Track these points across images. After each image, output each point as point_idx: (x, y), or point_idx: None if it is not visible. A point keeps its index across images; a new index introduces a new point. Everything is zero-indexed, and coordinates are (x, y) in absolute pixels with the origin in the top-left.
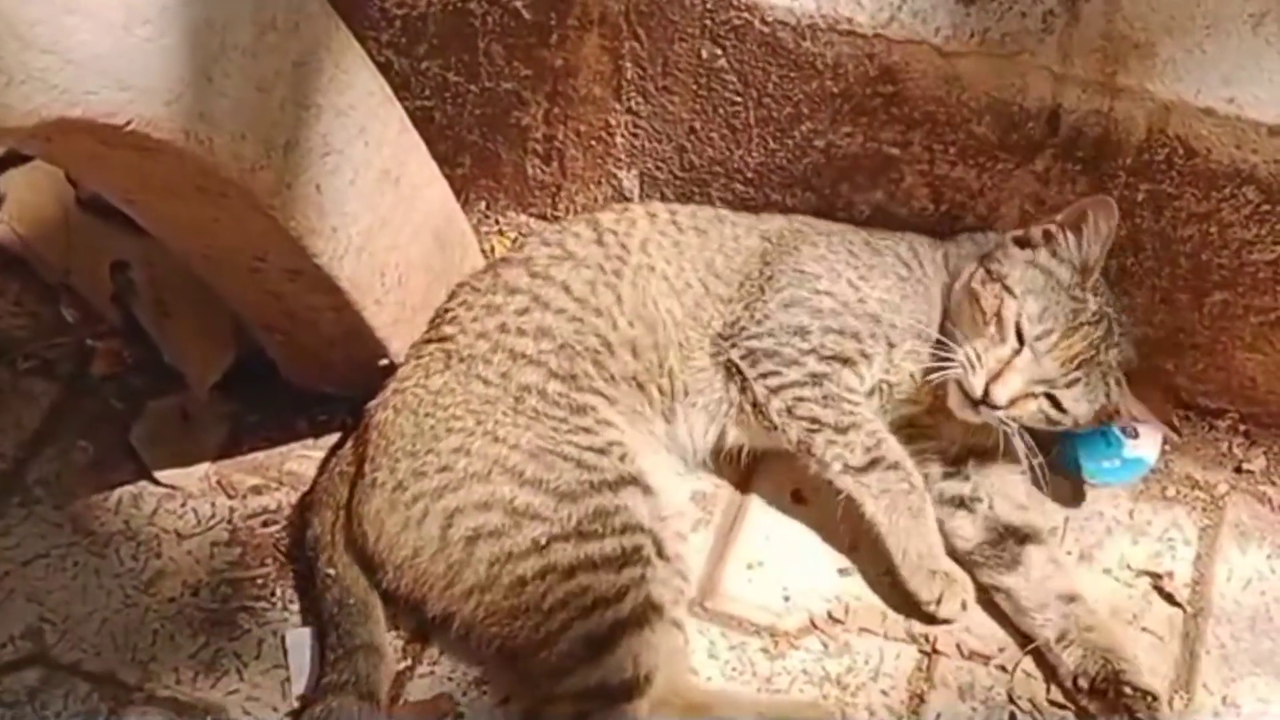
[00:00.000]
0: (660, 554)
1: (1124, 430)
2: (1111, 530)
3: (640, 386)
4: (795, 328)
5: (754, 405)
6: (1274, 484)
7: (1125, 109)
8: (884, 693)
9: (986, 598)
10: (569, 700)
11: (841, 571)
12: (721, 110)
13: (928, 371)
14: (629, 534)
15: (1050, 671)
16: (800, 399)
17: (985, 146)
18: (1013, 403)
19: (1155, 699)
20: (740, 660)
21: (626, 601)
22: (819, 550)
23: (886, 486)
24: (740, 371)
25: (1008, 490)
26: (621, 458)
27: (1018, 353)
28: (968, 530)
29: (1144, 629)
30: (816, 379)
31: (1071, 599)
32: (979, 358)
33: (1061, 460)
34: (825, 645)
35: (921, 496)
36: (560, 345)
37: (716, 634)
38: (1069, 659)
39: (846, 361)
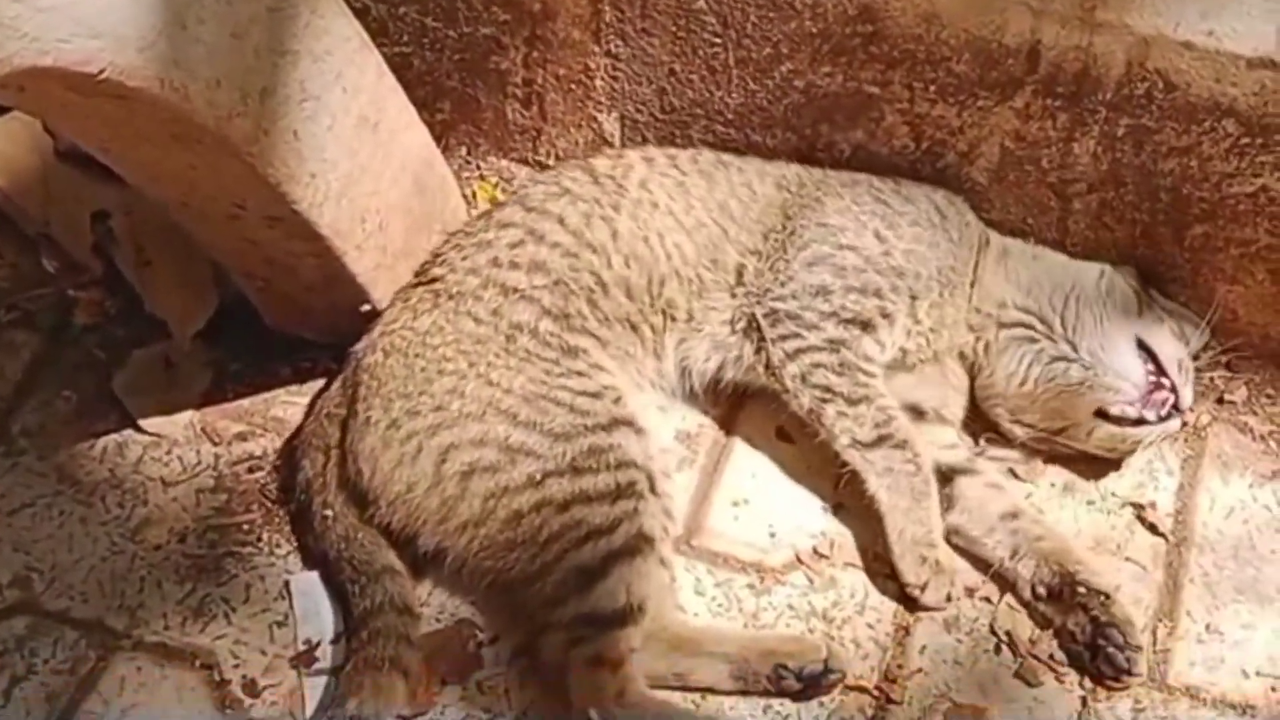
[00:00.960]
0: (653, 489)
1: None
2: (1094, 462)
3: (633, 327)
4: (817, 287)
5: (767, 366)
6: (1255, 414)
7: (1104, 44)
8: (870, 626)
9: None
10: (562, 628)
11: (827, 508)
12: (701, 52)
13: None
14: (623, 469)
15: (1012, 588)
16: (817, 365)
17: (965, 84)
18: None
19: (1108, 597)
20: (726, 596)
21: (619, 533)
22: (804, 487)
23: (891, 465)
24: (760, 330)
25: (935, 436)
26: (615, 400)
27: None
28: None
29: (1128, 558)
30: (835, 345)
31: (1014, 515)
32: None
33: None
34: (811, 580)
35: (926, 480)
36: (555, 281)
37: (703, 571)
38: (1024, 571)
39: (866, 326)
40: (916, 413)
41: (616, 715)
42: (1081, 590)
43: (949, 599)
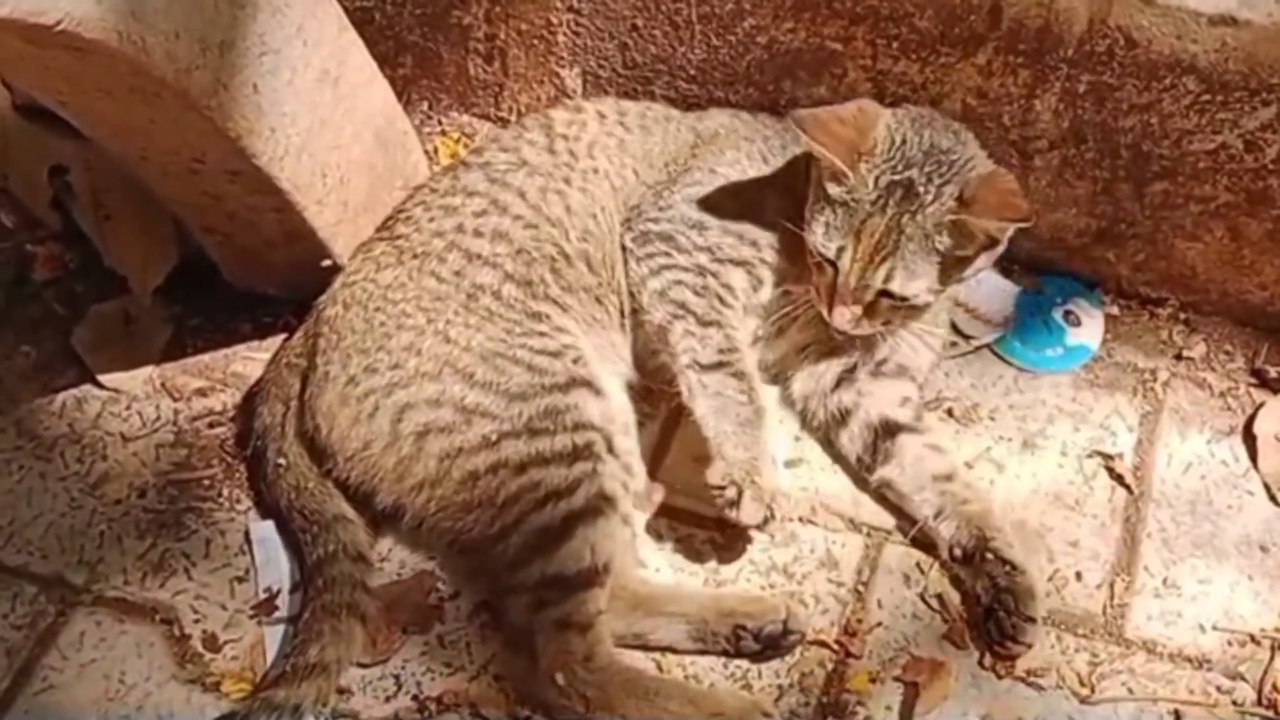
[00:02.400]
0: (610, 449)
1: (1066, 318)
2: (1053, 417)
3: (598, 300)
4: (694, 221)
5: (631, 287)
6: (1213, 370)
7: (1066, 0)
8: (830, 581)
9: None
10: (527, 591)
11: (788, 464)
12: (664, 7)
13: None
14: (580, 431)
15: (931, 547)
16: (678, 282)
17: (928, 40)
18: (857, 321)
19: (1014, 567)
20: (687, 551)
21: (579, 493)
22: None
23: (723, 391)
24: (627, 253)
25: (888, 393)
26: (575, 360)
27: (835, 276)
28: (847, 445)
29: (1086, 514)
30: (702, 271)
31: (948, 478)
32: (819, 292)
33: (1003, 348)
34: (772, 536)
35: (758, 412)
36: (517, 250)
37: (664, 526)
38: (944, 531)
39: (741, 264)
40: (877, 364)
41: (584, 679)
42: (990, 557)
43: (768, 520)
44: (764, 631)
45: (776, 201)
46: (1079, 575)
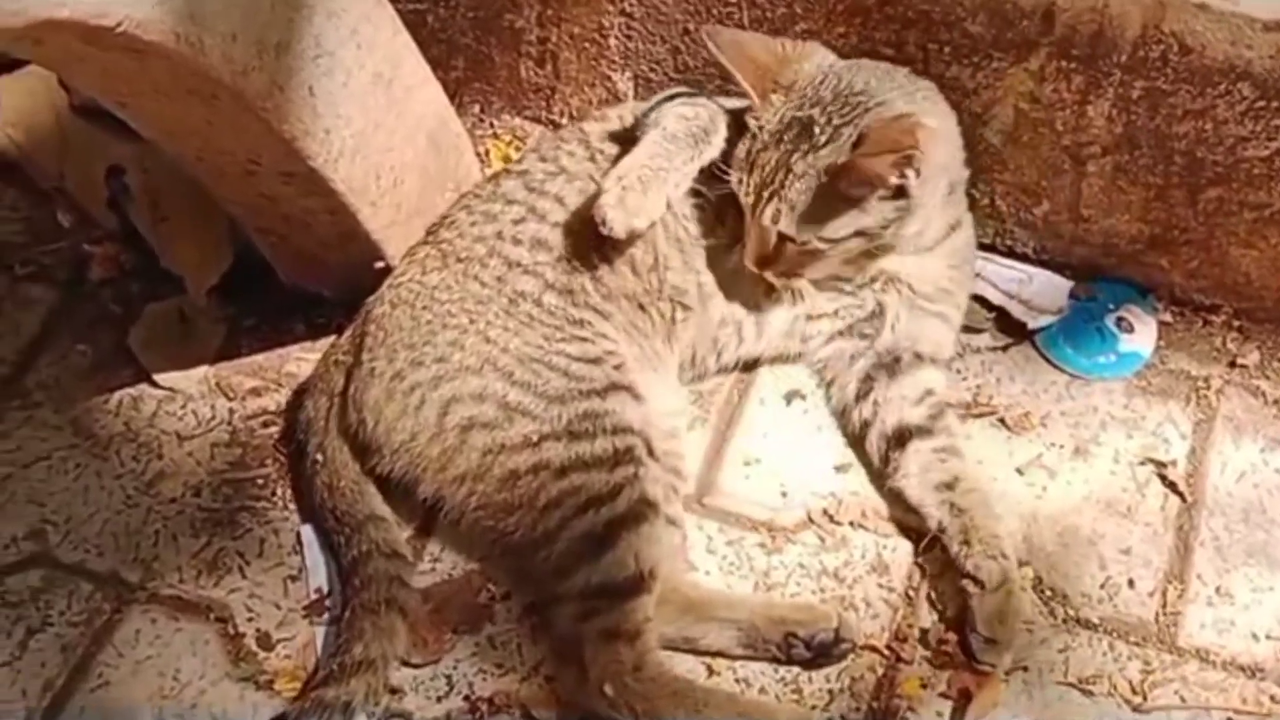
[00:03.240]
0: (651, 453)
1: (1119, 324)
2: (1106, 424)
3: (641, 307)
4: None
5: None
6: (1267, 378)
7: (1120, 5)
8: (880, 585)
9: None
10: (574, 599)
11: (838, 468)
12: (715, 10)
13: None
14: (619, 435)
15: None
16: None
17: (980, 45)
18: (764, 260)
19: (980, 585)
20: (738, 555)
21: (621, 499)
22: (816, 447)
23: (679, 112)
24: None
25: (909, 390)
26: (615, 366)
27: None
28: (872, 456)
29: (1139, 521)
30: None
31: (949, 486)
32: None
33: (1055, 354)
34: (822, 540)
35: (698, 133)
36: (557, 258)
37: (714, 529)
38: (949, 544)
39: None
40: (892, 359)
41: (633, 689)
42: (965, 571)
43: (627, 237)
44: (815, 639)
45: None
46: (1131, 583)
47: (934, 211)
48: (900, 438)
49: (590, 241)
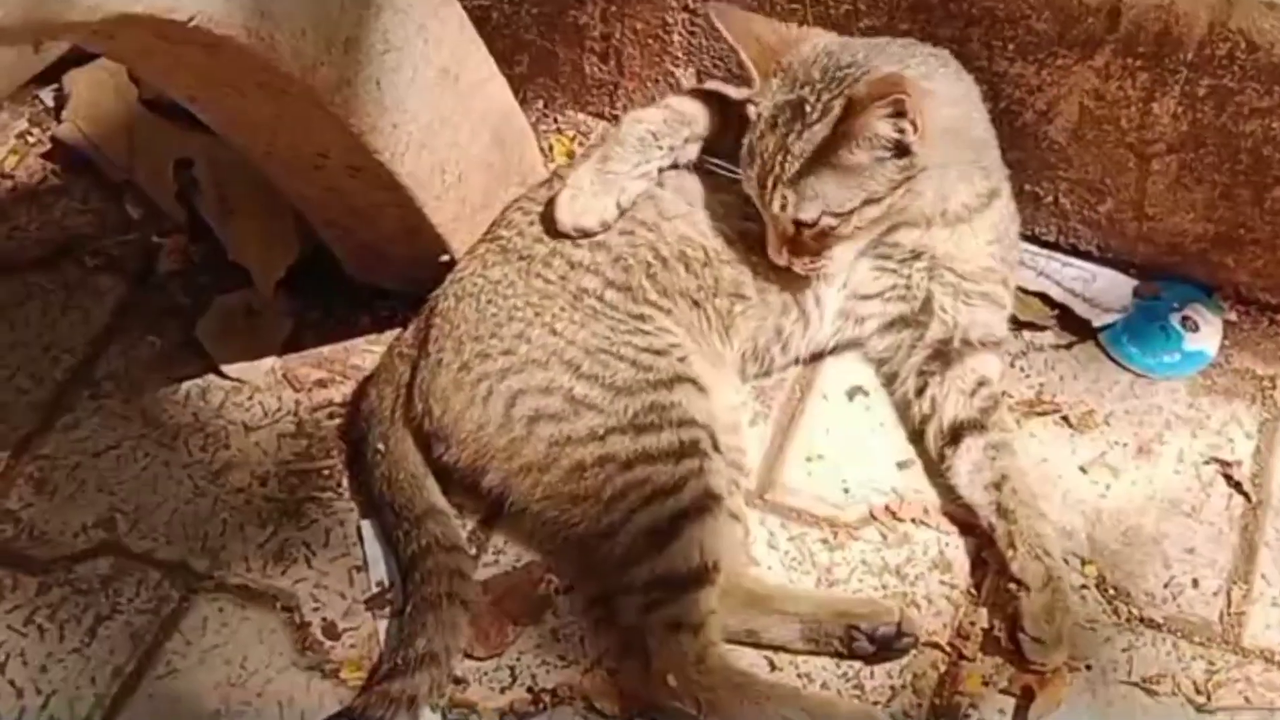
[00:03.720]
0: (716, 447)
1: (1183, 323)
2: (1170, 424)
3: (695, 304)
4: None
5: None
6: None
7: (1187, 2)
8: (943, 582)
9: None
10: (638, 591)
11: (900, 465)
12: (779, 6)
13: None
14: (685, 428)
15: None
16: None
17: (1044, 42)
18: (787, 251)
19: (1025, 587)
20: (800, 551)
21: (686, 492)
22: (878, 444)
23: (638, 116)
24: None
25: (964, 380)
26: (680, 358)
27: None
28: (932, 455)
29: (1203, 521)
30: None
31: (997, 486)
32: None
33: (1119, 352)
34: (884, 536)
35: (659, 128)
36: (615, 258)
37: (776, 525)
38: (998, 541)
39: None
40: (942, 344)
41: (696, 681)
42: (1009, 572)
43: (579, 231)
44: (878, 633)
45: None
46: (1195, 583)
47: (952, 176)
48: (955, 434)
49: (641, 240)
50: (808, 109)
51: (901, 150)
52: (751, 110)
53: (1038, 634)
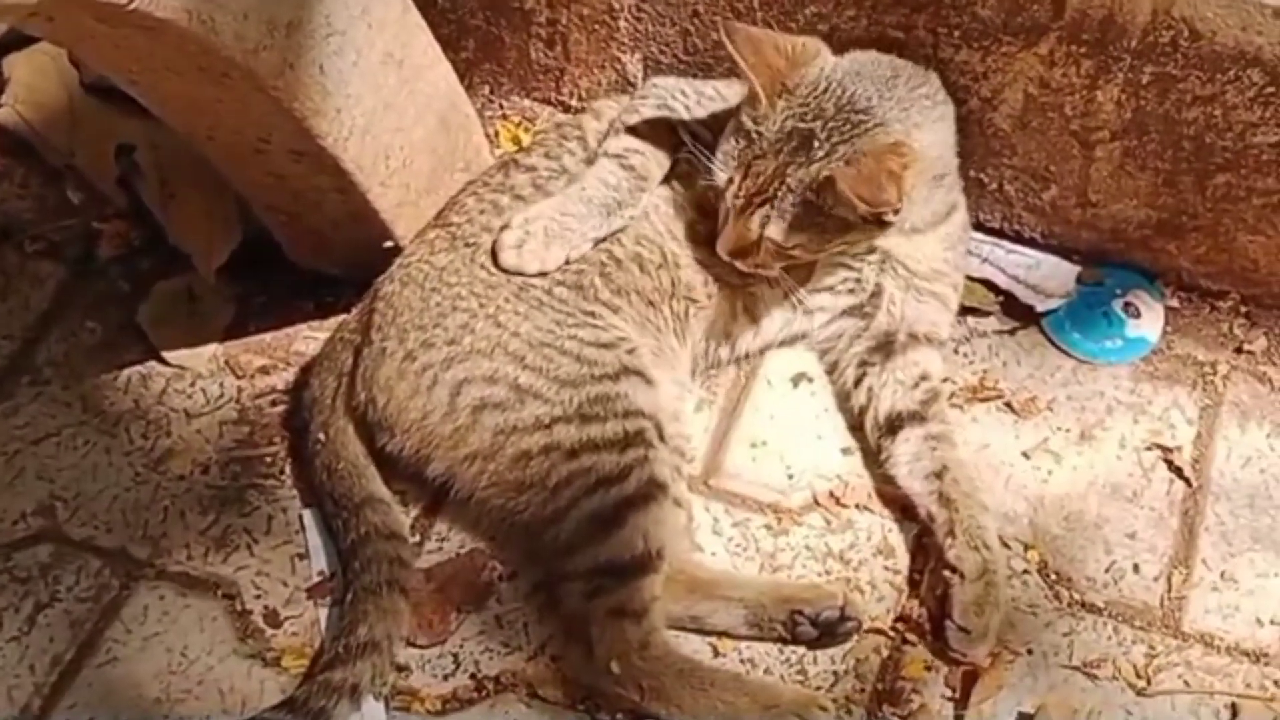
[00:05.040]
0: (661, 437)
1: (1126, 309)
2: (1112, 409)
3: (651, 304)
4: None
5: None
6: (1274, 364)
7: None
8: (886, 568)
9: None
10: (582, 578)
11: (844, 451)
12: None
13: None
14: (631, 418)
15: None
16: (645, 97)
17: (990, 29)
18: (740, 252)
19: (959, 575)
20: (744, 536)
21: (631, 480)
22: (822, 430)
23: (605, 177)
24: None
25: (905, 373)
26: (628, 351)
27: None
28: (870, 443)
29: (1144, 506)
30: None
31: (938, 475)
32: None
33: (1062, 338)
34: (828, 522)
35: (608, 206)
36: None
37: (720, 511)
38: (936, 530)
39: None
40: (887, 338)
41: (639, 668)
42: (943, 559)
43: (518, 272)
44: (821, 617)
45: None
46: (1136, 567)
47: (918, 203)
48: (892, 425)
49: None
50: (815, 145)
51: (881, 222)
52: (749, 122)
53: (965, 624)
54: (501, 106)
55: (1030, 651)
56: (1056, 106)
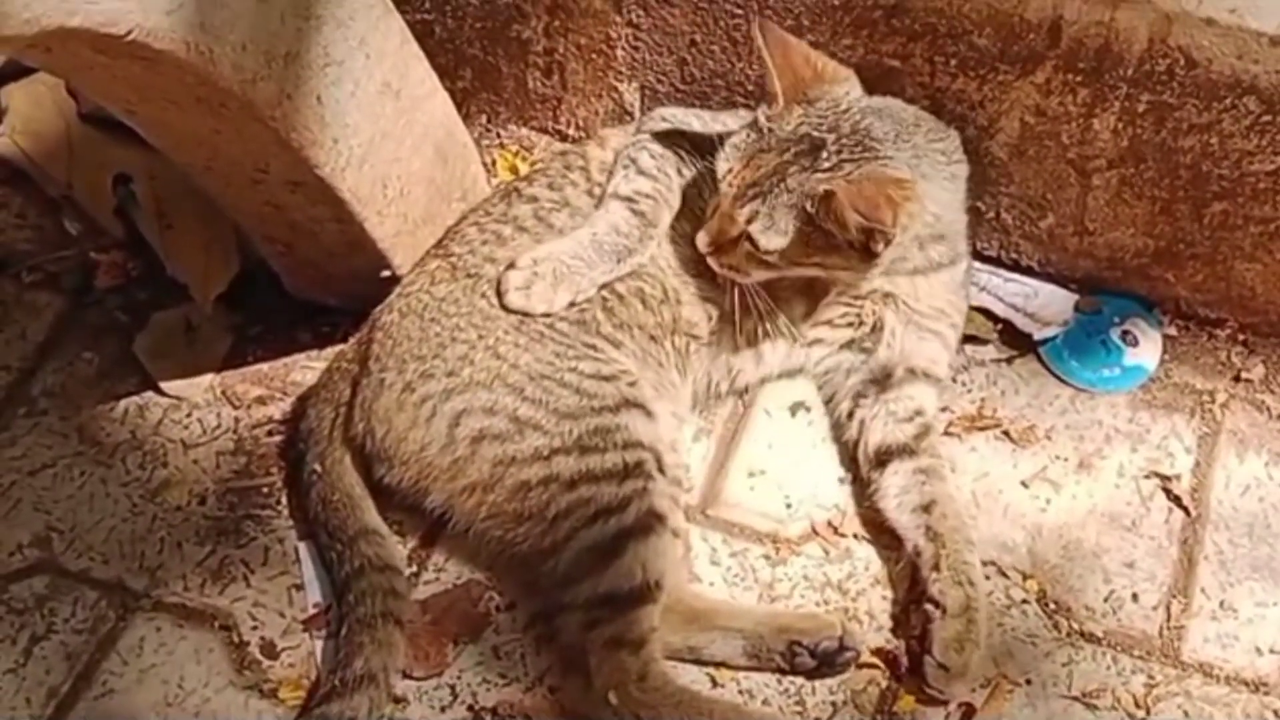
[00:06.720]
0: (660, 469)
1: (1124, 338)
2: (1110, 438)
3: (653, 338)
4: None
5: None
6: (1272, 392)
7: (1127, 19)
8: (884, 598)
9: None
10: (580, 609)
11: (842, 480)
12: (723, 23)
13: None
14: (630, 450)
15: None
16: (642, 146)
17: (986, 58)
18: (718, 246)
19: (942, 610)
20: (742, 566)
21: (630, 511)
22: (820, 459)
23: (615, 221)
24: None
25: (899, 406)
26: (629, 384)
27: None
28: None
29: (1143, 535)
30: (660, 152)
31: (925, 509)
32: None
33: (1060, 367)
34: (826, 551)
35: (619, 253)
36: None
37: (718, 540)
38: (921, 566)
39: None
40: (884, 373)
41: (637, 699)
42: (927, 594)
43: (521, 312)
44: (819, 648)
45: None
46: (1135, 596)
47: (910, 246)
48: (882, 458)
49: None
50: (823, 154)
51: (868, 252)
52: (763, 119)
53: (944, 661)
54: (499, 135)
55: (1029, 681)
56: (1053, 135)
